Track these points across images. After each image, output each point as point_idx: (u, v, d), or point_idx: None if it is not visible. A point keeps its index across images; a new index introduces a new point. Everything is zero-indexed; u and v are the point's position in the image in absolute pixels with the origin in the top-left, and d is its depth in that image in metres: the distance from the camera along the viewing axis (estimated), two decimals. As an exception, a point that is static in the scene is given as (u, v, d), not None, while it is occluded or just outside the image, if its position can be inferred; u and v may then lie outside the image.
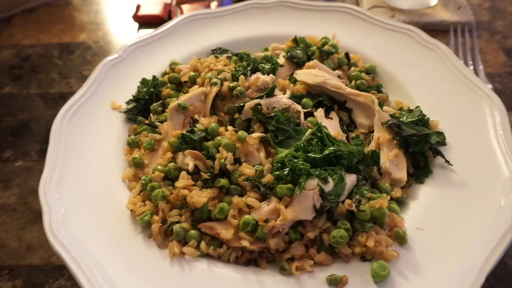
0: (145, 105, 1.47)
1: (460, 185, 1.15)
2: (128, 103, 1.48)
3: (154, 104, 1.45)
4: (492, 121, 1.26)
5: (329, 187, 1.06)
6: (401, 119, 1.28)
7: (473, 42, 1.75)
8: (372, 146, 1.25)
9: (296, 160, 1.08)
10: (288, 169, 1.08)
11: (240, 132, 1.21)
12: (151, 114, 1.43)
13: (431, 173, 1.20)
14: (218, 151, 1.19)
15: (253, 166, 1.17)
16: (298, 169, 1.05)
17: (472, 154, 1.21)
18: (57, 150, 1.28)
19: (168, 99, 1.44)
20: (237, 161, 1.19)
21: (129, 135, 1.40)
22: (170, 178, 1.21)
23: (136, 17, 2.08)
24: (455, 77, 1.41)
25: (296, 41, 1.59)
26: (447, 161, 1.20)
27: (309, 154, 1.12)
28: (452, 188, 1.15)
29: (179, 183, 1.13)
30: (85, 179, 1.24)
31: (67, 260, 1.01)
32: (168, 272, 1.03)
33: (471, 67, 1.65)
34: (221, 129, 1.27)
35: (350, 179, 1.11)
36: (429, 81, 1.45)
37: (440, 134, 1.26)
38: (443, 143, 1.25)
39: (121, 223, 1.14)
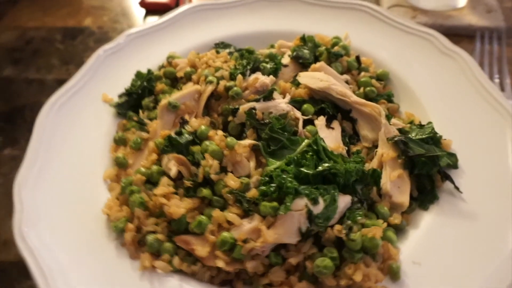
0: (137, 100, 1.39)
1: (469, 217, 1.03)
2: (120, 96, 1.40)
3: (146, 99, 1.37)
4: (513, 146, 1.12)
5: (318, 208, 0.96)
6: (409, 135, 1.15)
7: (501, 51, 1.58)
8: (374, 164, 1.13)
9: (284, 176, 0.98)
10: (275, 185, 0.98)
11: (229, 139, 1.11)
12: (140, 111, 1.35)
13: (437, 200, 1.08)
14: (204, 158, 1.10)
15: (240, 177, 1.07)
16: (285, 187, 0.95)
17: (486, 182, 1.08)
18: (40, 144, 1.22)
19: (161, 95, 1.36)
20: (224, 170, 1.10)
21: (117, 131, 1.32)
22: (152, 182, 1.13)
23: (143, 4, 2.00)
24: (476, 91, 1.27)
25: (304, 39, 1.46)
26: (456, 188, 1.08)
27: (302, 169, 1.02)
28: (459, 219, 1.03)
29: (157, 190, 1.05)
30: (66, 176, 1.17)
31: (31, 266, 0.95)
32: (136, 286, 0.95)
33: (497, 80, 1.50)
34: (211, 132, 1.17)
35: (344, 201, 1.00)
36: (447, 93, 1.31)
37: (452, 156, 1.13)
38: (454, 166, 1.12)
39: (96, 228, 1.07)
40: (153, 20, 1.67)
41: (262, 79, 1.27)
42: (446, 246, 0.98)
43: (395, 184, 1.08)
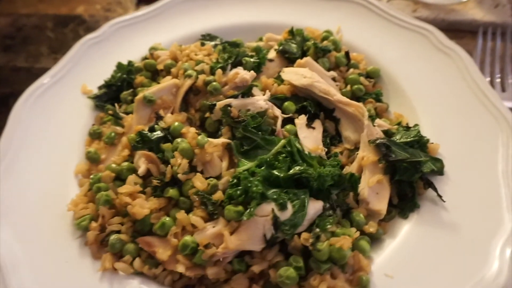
0: (117, 92, 1.35)
1: (450, 228, 0.96)
2: (100, 88, 1.36)
3: (125, 92, 1.33)
4: (504, 152, 1.04)
5: (286, 214, 0.91)
6: (393, 138, 1.09)
7: (505, 48, 1.48)
8: (353, 167, 1.07)
9: (251, 179, 0.93)
10: (242, 188, 0.93)
11: (199, 137, 1.06)
12: (117, 104, 1.30)
13: (417, 208, 1.01)
14: (174, 156, 1.05)
15: (209, 178, 1.02)
16: (251, 191, 0.90)
17: (471, 191, 1.00)
18: (14, 134, 1.20)
19: (139, 88, 1.31)
20: (195, 170, 1.05)
21: (93, 124, 1.29)
22: (122, 179, 1.10)
23: (136, -8, 1.95)
24: (471, 91, 1.19)
25: (292, 33, 1.39)
26: (439, 196, 1.01)
27: (273, 171, 0.97)
28: (439, 230, 0.96)
29: (122, 189, 1.01)
30: (37, 170, 1.15)
31: (-11, 261, 0.93)
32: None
33: (498, 80, 1.40)
34: (185, 129, 1.12)
35: (315, 207, 0.94)
36: (439, 93, 1.23)
37: (438, 161, 1.06)
38: (439, 172, 1.05)
39: (61, 225, 1.04)
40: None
41: (242, 74, 1.21)
42: (422, 258, 0.92)
43: (374, 190, 1.02)
